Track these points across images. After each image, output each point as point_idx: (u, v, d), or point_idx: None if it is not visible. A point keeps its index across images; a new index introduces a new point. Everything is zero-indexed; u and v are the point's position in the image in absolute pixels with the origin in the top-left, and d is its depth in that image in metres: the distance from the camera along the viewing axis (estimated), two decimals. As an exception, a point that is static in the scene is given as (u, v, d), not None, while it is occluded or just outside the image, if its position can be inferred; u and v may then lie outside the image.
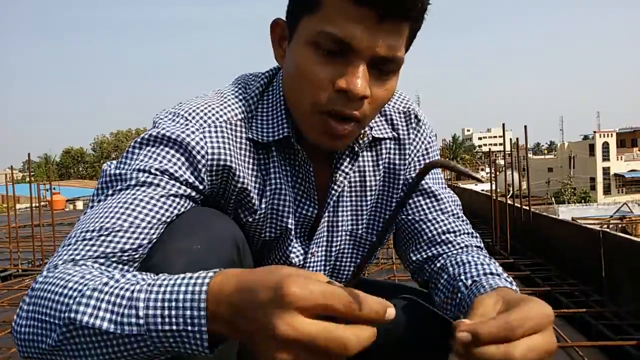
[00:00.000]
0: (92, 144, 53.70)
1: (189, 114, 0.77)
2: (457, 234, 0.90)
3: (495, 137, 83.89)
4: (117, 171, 0.72)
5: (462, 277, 0.79)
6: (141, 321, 0.54)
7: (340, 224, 0.89)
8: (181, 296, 0.54)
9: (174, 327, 0.53)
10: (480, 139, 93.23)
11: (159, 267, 0.66)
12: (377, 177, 0.90)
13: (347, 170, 0.86)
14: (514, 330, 0.55)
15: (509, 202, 3.78)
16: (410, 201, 0.91)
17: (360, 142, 0.85)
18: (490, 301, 0.64)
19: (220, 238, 0.72)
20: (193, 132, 0.75)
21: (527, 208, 3.48)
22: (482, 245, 0.92)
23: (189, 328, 0.53)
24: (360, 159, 0.88)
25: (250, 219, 0.83)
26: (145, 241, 0.69)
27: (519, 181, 4.13)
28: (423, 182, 0.90)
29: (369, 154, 0.89)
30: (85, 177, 45.30)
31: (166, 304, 0.54)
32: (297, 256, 0.87)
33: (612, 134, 43.95)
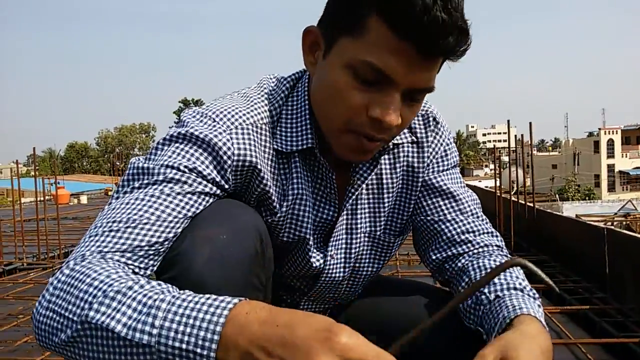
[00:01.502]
0: (96, 138, 53.85)
1: (217, 115, 0.77)
2: (477, 233, 0.90)
3: (499, 133, 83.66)
4: (146, 165, 0.72)
5: (486, 290, 0.80)
6: (155, 331, 0.54)
7: (358, 225, 0.89)
8: (200, 315, 0.54)
9: (184, 346, 0.53)
10: (484, 135, 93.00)
11: (185, 254, 0.67)
12: (395, 180, 0.91)
13: (365, 175, 0.87)
14: None
15: (513, 198, 3.78)
16: (430, 202, 0.91)
17: (380, 149, 0.85)
18: None
19: (244, 229, 0.73)
20: (220, 133, 0.75)
21: (531, 205, 3.48)
22: (502, 244, 0.92)
23: (198, 350, 0.52)
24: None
25: (270, 220, 0.84)
26: (171, 235, 0.69)
27: (523, 178, 4.12)
28: (441, 182, 0.92)
29: (387, 156, 0.90)
30: (90, 172, 45.45)
31: (183, 320, 0.54)
32: (318, 260, 0.88)
33: (617, 131, 43.76)
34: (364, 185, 0.87)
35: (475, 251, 0.88)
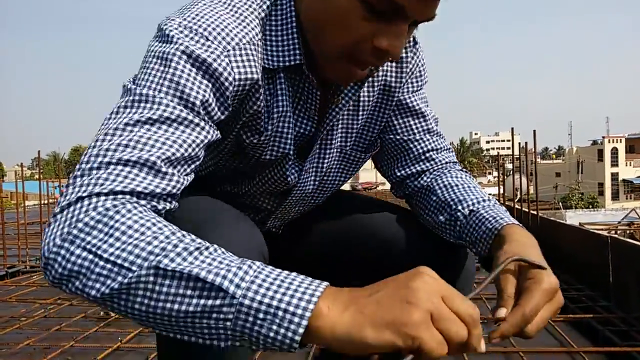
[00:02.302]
0: (100, 142, 54.05)
1: (209, 33, 0.70)
2: (439, 151, 0.97)
3: (503, 140, 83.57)
4: (144, 91, 0.66)
5: (459, 207, 0.87)
6: (243, 284, 0.52)
7: (333, 141, 0.90)
8: (296, 282, 0.53)
9: (274, 303, 0.51)
10: (488, 142, 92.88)
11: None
12: (372, 97, 0.91)
13: (350, 94, 0.86)
14: (529, 319, 0.65)
15: (517, 206, 3.77)
16: (401, 121, 0.95)
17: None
18: (512, 279, 0.69)
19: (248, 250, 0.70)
20: (218, 57, 0.70)
21: (535, 213, 3.47)
22: (456, 159, 1.00)
23: (291, 309, 0.51)
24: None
25: (255, 141, 0.82)
26: (186, 155, 0.66)
27: (526, 185, 4.12)
28: (414, 101, 0.95)
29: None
30: (93, 175, 45.52)
31: (277, 282, 0.53)
32: (293, 175, 0.88)
33: (621, 140, 43.65)
34: (343, 102, 0.86)
35: (437, 168, 0.96)
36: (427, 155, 0.96)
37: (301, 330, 0.51)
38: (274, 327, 0.51)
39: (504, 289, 0.69)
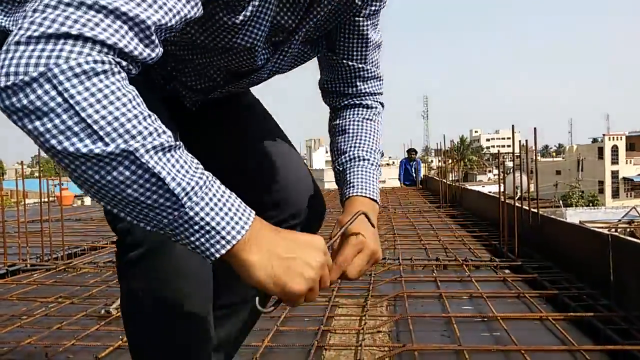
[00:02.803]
0: (100, 140, 53.97)
1: None
2: (367, 81, 1.06)
3: (503, 138, 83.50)
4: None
5: (339, 158, 1.03)
6: (194, 198, 0.60)
7: (298, 34, 0.92)
8: (234, 207, 0.64)
9: (212, 224, 0.62)
10: (488, 140, 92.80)
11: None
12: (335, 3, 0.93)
13: None
14: (347, 263, 0.87)
15: (517, 204, 3.77)
16: (345, 38, 1.01)
17: None
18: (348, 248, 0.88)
19: None
20: None
21: (535, 210, 3.47)
22: (381, 90, 1.09)
23: (222, 234, 0.62)
24: None
25: (230, 22, 0.79)
26: (170, 25, 0.63)
27: (527, 183, 4.11)
28: (366, 26, 1.00)
29: None
30: (93, 173, 45.46)
31: (220, 204, 0.63)
32: (262, 60, 0.91)
33: (621, 137, 43.64)
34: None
35: (357, 96, 1.06)
36: (354, 82, 1.05)
37: (222, 252, 0.63)
38: (202, 240, 0.62)
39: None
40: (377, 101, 1.09)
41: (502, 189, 3.94)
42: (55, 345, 1.88)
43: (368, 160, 1.02)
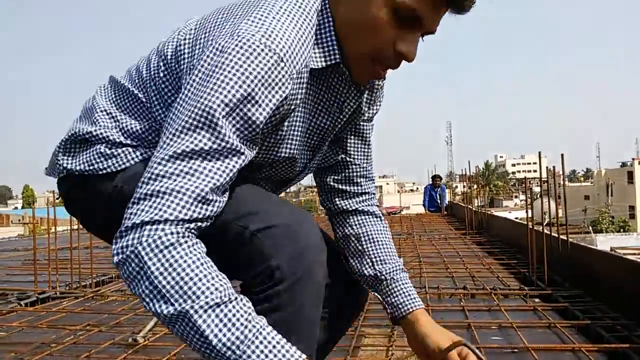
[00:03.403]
0: (127, 168, 54.94)
1: (284, 53, 0.81)
2: (367, 180, 1.19)
3: (529, 163, 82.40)
4: (208, 110, 0.78)
5: (383, 269, 1.14)
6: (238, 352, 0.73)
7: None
8: (281, 352, 0.75)
9: None
10: (513, 165, 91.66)
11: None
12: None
13: (366, 100, 1.10)
14: None
15: (546, 231, 3.70)
16: (353, 142, 1.15)
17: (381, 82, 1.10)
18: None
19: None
20: (284, 77, 0.81)
21: (565, 237, 3.40)
22: (374, 190, 1.23)
23: None
24: None
25: (272, 141, 0.94)
26: (228, 180, 0.81)
27: (555, 209, 4.04)
28: (367, 130, 1.16)
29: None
30: (120, 201, 46.14)
31: (262, 348, 0.74)
32: (300, 167, 1.06)
33: (651, 161, 42.56)
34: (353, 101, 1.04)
35: (361, 195, 1.19)
36: (359, 180, 1.18)
37: None
38: None
39: None
40: (375, 205, 1.24)
41: (529, 215, 3.87)
42: (83, 374, 1.89)
43: (403, 270, 1.17)
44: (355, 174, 1.18)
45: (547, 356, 1.98)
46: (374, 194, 1.24)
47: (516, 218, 6.59)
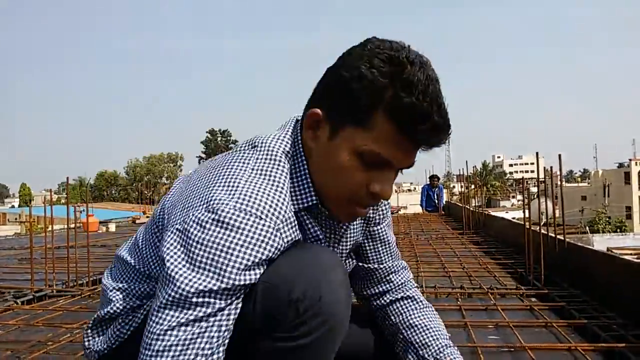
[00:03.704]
0: (125, 167, 54.89)
1: (262, 212, 0.84)
2: (398, 272, 1.23)
3: (526, 164, 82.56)
4: (198, 286, 0.80)
5: (426, 352, 1.13)
6: None
7: (343, 251, 1.13)
8: None
9: None
10: (511, 165, 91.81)
11: (331, 303, 0.87)
12: (359, 224, 1.16)
13: (353, 225, 1.13)
14: None
15: (543, 231, 3.70)
16: (372, 245, 1.19)
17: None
18: None
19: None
20: (272, 234, 0.85)
21: (562, 237, 3.40)
22: (410, 273, 1.28)
23: None
24: None
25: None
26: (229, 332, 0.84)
27: (552, 209, 4.05)
28: (384, 231, 1.20)
29: None
30: (118, 200, 46.17)
31: None
32: None
33: (648, 162, 42.66)
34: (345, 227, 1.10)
35: (396, 288, 1.22)
36: (389, 277, 1.22)
37: None
38: None
39: None
40: (413, 287, 1.26)
41: (526, 215, 3.88)
42: (80, 372, 1.89)
43: (449, 345, 1.16)
44: (383, 274, 1.22)
45: (543, 355, 1.98)
46: (408, 276, 1.26)
47: (513, 218, 6.60)
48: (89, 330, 1.10)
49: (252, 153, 0.94)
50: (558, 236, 3.46)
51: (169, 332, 0.79)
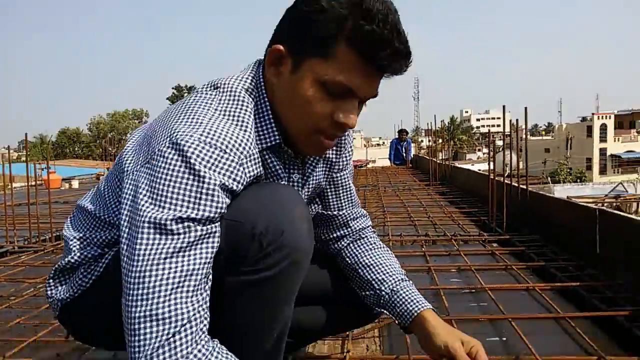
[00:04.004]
0: (88, 124, 53.28)
1: (226, 146, 0.84)
2: (357, 219, 1.25)
3: (493, 118, 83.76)
4: (160, 216, 0.79)
5: (382, 286, 1.16)
6: None
7: (308, 190, 1.13)
8: None
9: None
10: (478, 120, 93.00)
11: (292, 233, 0.88)
12: (322, 168, 1.16)
13: (315, 161, 1.12)
14: None
15: (507, 181, 3.79)
16: (334, 194, 1.20)
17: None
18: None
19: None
20: (235, 168, 0.84)
21: (524, 187, 3.49)
22: (369, 221, 1.29)
23: None
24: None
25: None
26: (207, 271, 0.82)
27: (516, 161, 4.13)
28: (345, 178, 1.21)
29: None
30: (82, 157, 45.06)
31: None
32: None
33: (610, 116, 43.89)
34: (314, 164, 1.11)
35: (353, 233, 1.24)
36: (348, 223, 1.23)
37: None
38: None
39: None
40: (370, 232, 1.27)
41: (491, 167, 3.95)
42: (44, 324, 1.87)
43: (404, 279, 1.19)
44: (343, 220, 1.23)
45: (503, 295, 2.06)
46: (366, 223, 1.28)
47: (479, 170, 6.72)
48: (51, 280, 1.09)
49: (215, 94, 0.94)
50: (521, 186, 3.55)
51: (145, 259, 0.78)
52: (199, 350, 0.78)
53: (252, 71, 0.98)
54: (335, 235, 1.24)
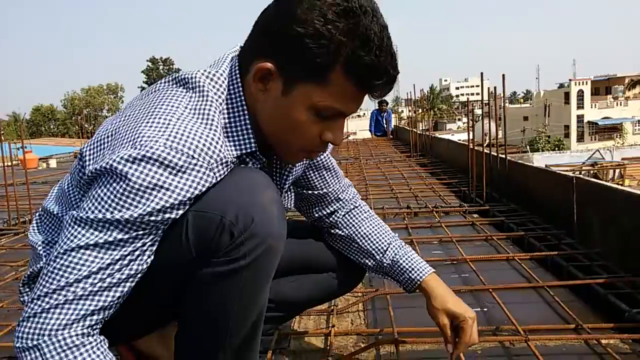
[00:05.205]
0: (62, 100, 52.09)
1: (193, 151, 0.81)
2: (345, 192, 1.28)
3: (472, 86, 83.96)
4: (126, 216, 0.78)
5: (383, 257, 1.22)
6: None
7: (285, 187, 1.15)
8: None
9: None
10: (457, 88, 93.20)
11: (264, 215, 0.87)
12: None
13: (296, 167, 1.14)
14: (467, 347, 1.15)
15: (486, 151, 3.82)
16: (318, 174, 1.22)
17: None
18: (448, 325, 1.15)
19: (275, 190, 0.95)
20: (204, 174, 0.82)
21: (503, 156, 3.53)
22: (354, 189, 1.32)
23: None
24: None
25: None
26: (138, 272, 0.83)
27: (495, 130, 4.16)
28: (324, 159, 1.22)
29: None
30: (57, 135, 44.18)
31: None
32: None
33: (587, 82, 44.28)
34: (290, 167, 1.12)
35: (345, 206, 1.27)
36: (338, 196, 1.26)
37: None
38: None
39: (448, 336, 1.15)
40: (359, 199, 1.31)
41: (471, 137, 3.98)
42: (28, 308, 1.86)
43: (401, 246, 1.24)
44: (333, 196, 1.26)
45: (483, 265, 2.11)
46: (353, 192, 1.31)
47: (459, 140, 6.77)
48: (22, 287, 1.06)
49: (184, 92, 0.89)
50: (500, 155, 3.59)
51: (75, 249, 0.78)
52: (83, 344, 0.79)
53: (225, 69, 0.93)
54: (329, 210, 1.27)
